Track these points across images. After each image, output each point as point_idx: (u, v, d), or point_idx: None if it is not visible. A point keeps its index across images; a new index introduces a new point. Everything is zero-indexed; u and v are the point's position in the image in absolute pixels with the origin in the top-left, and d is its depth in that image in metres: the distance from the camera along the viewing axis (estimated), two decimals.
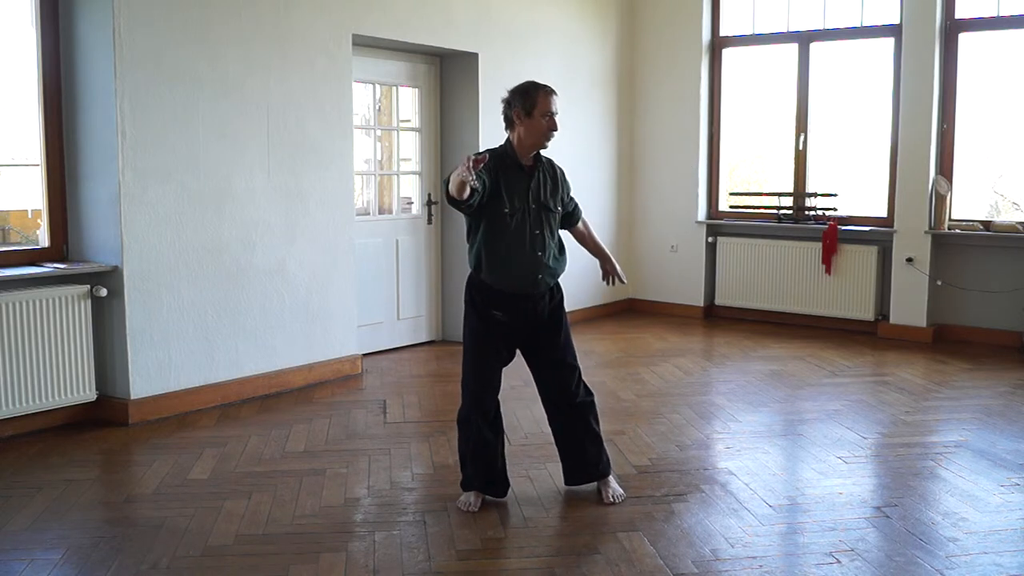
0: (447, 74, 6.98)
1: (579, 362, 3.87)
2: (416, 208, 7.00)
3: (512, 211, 3.60)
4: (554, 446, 4.44)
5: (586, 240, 4.04)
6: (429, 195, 7.00)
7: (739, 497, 3.86)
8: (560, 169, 3.86)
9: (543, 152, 3.78)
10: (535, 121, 3.60)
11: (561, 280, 3.80)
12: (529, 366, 3.84)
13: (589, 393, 3.87)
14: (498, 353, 3.72)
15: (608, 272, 4.02)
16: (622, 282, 4.02)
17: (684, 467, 4.24)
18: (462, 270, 7.05)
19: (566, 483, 3.91)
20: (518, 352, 3.84)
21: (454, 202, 3.48)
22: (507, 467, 3.85)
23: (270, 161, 5.47)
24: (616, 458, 4.25)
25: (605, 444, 3.95)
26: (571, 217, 3.93)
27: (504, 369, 3.80)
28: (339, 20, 5.80)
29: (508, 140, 3.69)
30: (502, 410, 3.84)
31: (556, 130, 3.66)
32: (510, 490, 3.88)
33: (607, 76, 8.18)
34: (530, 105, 3.60)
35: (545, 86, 3.67)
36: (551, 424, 3.89)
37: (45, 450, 4.45)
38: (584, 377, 3.88)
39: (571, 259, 3.84)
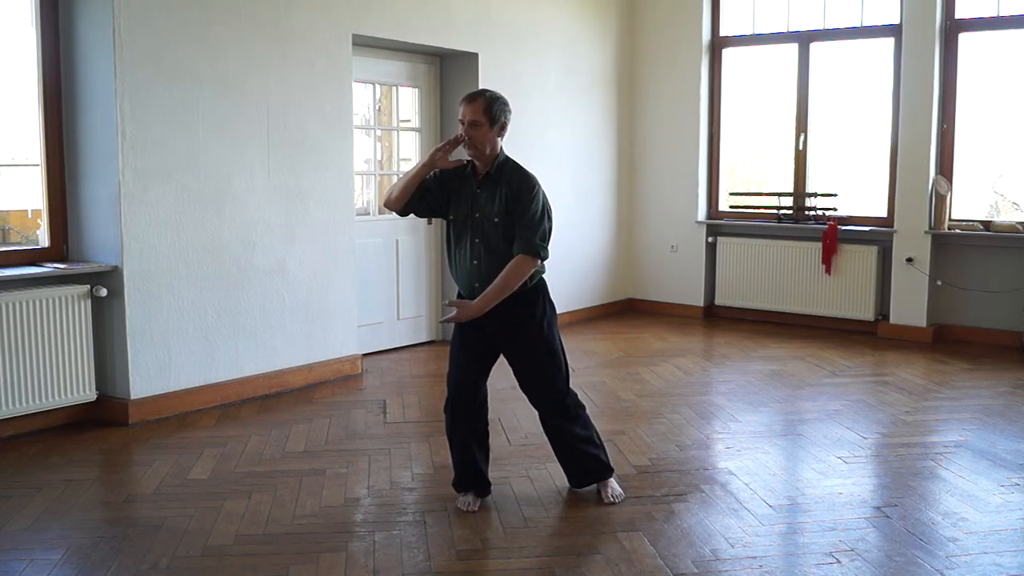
0: (447, 74, 6.98)
1: (564, 379, 3.74)
2: None
3: (456, 218, 3.64)
4: None
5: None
6: None
7: (739, 497, 3.86)
8: (522, 184, 3.56)
9: (516, 163, 3.69)
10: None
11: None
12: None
13: (574, 416, 3.76)
14: (472, 351, 3.70)
15: (451, 315, 3.60)
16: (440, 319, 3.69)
17: (684, 467, 4.24)
18: None
19: (570, 484, 3.91)
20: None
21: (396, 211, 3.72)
22: (488, 467, 3.81)
23: (270, 161, 5.47)
24: (616, 458, 4.25)
25: (605, 445, 3.95)
26: (514, 240, 3.54)
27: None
28: (339, 20, 5.80)
29: None
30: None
31: (468, 137, 3.54)
32: (510, 490, 3.89)
33: (607, 76, 8.18)
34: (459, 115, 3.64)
35: (471, 93, 3.63)
36: (543, 428, 3.87)
37: (45, 450, 4.45)
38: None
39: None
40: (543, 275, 3.70)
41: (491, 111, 3.56)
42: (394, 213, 3.76)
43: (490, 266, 3.57)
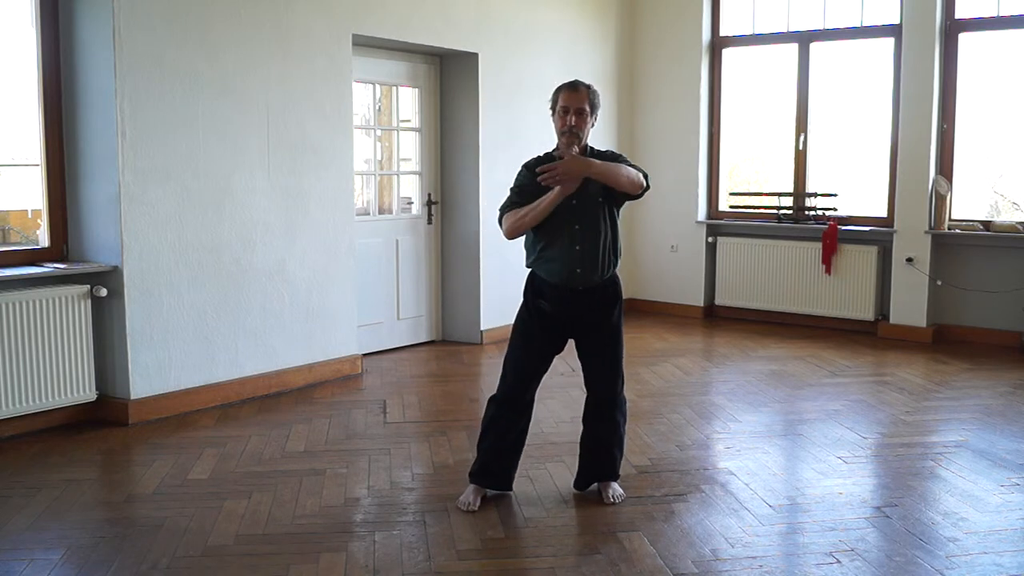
0: (447, 74, 6.98)
1: (623, 374, 3.83)
2: (416, 208, 7.00)
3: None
4: (554, 446, 4.47)
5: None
6: (429, 195, 7.00)
7: (739, 497, 3.86)
8: (615, 152, 3.73)
9: (599, 147, 3.75)
10: (556, 117, 3.63)
11: None
12: (579, 359, 3.83)
13: (622, 411, 3.85)
14: (540, 345, 3.73)
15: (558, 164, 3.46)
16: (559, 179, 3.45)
17: (684, 467, 4.24)
18: (462, 270, 7.07)
19: (576, 486, 3.90)
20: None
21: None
22: (517, 466, 3.85)
23: (270, 161, 5.47)
24: None
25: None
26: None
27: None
28: (339, 20, 5.80)
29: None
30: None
31: (572, 127, 3.56)
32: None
33: (607, 76, 8.18)
34: (554, 101, 3.66)
35: (572, 82, 3.64)
36: (584, 419, 3.88)
37: (45, 450, 4.45)
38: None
39: None
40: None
41: (593, 100, 3.64)
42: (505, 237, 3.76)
43: (593, 248, 3.61)
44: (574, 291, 3.64)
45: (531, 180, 3.60)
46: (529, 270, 3.76)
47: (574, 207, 3.59)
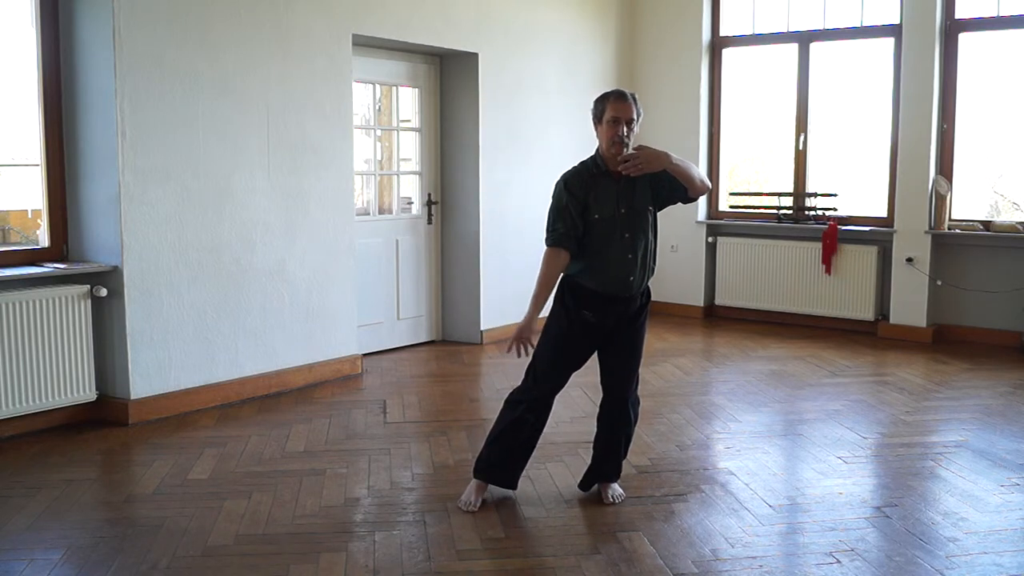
0: (447, 74, 6.98)
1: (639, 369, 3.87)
2: (416, 208, 7.00)
3: (602, 217, 3.61)
4: (554, 446, 4.47)
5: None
6: (429, 195, 7.00)
7: (739, 497, 3.87)
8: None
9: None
10: (604, 127, 3.61)
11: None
12: (600, 359, 3.83)
13: (635, 410, 3.89)
14: (577, 356, 3.74)
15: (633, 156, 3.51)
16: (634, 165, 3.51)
17: (684, 467, 4.24)
18: (462, 270, 7.07)
19: (580, 487, 3.90)
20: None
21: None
22: (524, 467, 3.86)
23: (270, 161, 5.47)
24: None
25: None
26: (683, 190, 3.70)
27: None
28: (339, 20, 5.80)
29: (597, 148, 3.70)
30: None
31: (621, 136, 3.56)
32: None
33: (607, 76, 8.18)
34: (599, 111, 3.64)
35: (619, 92, 3.63)
36: (600, 420, 3.88)
37: (45, 450, 4.45)
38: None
39: None
40: None
41: (639, 109, 3.67)
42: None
43: (643, 255, 3.68)
44: (621, 299, 3.64)
45: (574, 199, 3.60)
46: (560, 280, 3.72)
47: (622, 215, 3.61)
